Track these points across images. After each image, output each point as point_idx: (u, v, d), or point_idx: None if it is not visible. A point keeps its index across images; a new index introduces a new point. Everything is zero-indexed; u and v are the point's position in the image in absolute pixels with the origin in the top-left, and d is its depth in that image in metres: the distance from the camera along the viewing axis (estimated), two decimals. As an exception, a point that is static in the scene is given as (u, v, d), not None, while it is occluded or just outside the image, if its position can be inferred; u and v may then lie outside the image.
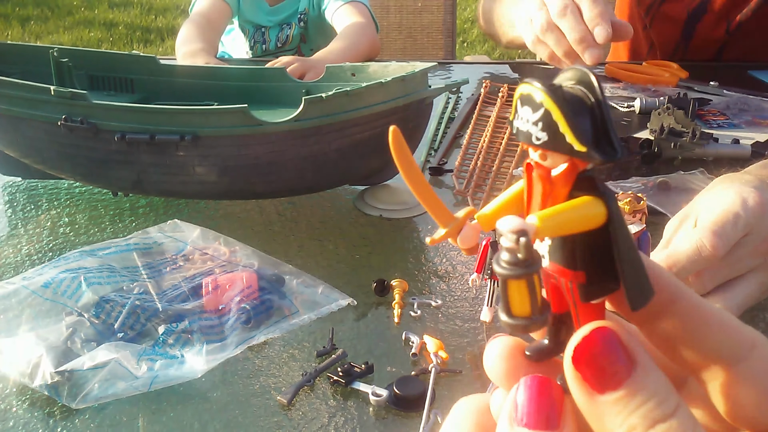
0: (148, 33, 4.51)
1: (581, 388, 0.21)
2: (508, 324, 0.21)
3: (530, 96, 0.21)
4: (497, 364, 0.23)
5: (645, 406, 0.20)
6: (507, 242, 0.20)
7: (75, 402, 0.53)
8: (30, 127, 0.78)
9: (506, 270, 0.20)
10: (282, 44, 1.69)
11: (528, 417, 0.21)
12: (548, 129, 0.21)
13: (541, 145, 0.21)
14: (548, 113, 0.20)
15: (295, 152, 0.76)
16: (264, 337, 0.60)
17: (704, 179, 0.88)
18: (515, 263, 0.20)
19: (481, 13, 1.54)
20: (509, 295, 0.21)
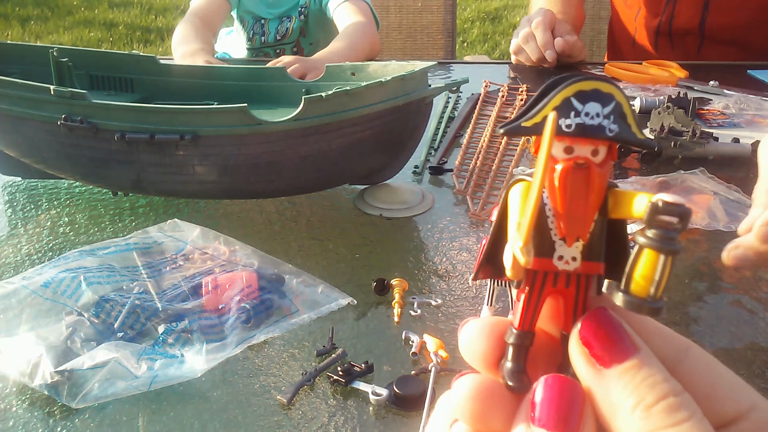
0: (148, 33, 4.51)
1: (588, 363, 0.21)
2: (656, 304, 0.21)
3: (597, 90, 0.21)
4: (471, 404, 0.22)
5: (653, 377, 0.20)
6: (670, 217, 0.20)
7: (75, 401, 0.53)
8: (30, 126, 0.78)
9: (671, 245, 0.20)
10: (281, 37, 1.68)
11: (547, 417, 0.20)
12: (619, 120, 0.22)
13: (612, 136, 0.22)
14: (620, 105, 0.22)
15: (295, 152, 0.76)
16: (264, 336, 0.60)
17: (704, 178, 0.88)
18: (676, 238, 0.20)
19: None
20: (665, 271, 0.21)
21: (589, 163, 0.22)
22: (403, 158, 0.88)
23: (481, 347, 0.23)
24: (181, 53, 1.35)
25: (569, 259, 0.23)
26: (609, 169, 0.22)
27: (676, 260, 0.21)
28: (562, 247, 0.23)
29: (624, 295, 0.21)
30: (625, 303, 0.21)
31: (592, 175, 0.22)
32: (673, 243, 0.20)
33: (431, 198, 0.86)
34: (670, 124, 0.98)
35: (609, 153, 0.22)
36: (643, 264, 0.21)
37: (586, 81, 0.22)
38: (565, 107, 0.22)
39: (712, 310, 0.66)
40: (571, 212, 0.22)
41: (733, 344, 0.61)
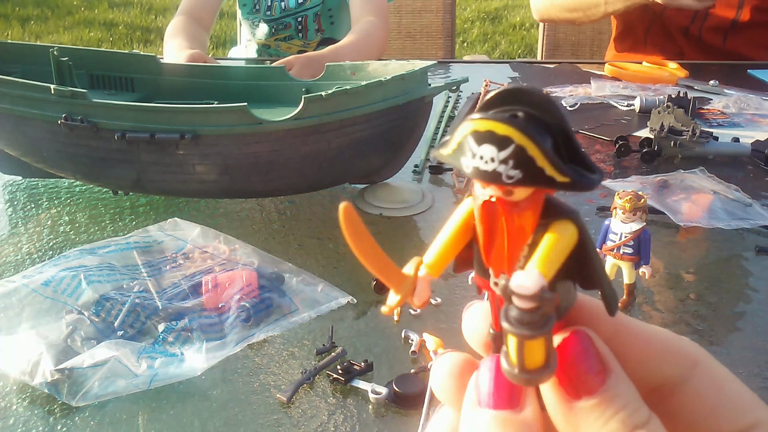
0: (148, 33, 4.51)
1: (557, 394, 0.20)
2: (523, 379, 0.20)
3: (491, 132, 0.19)
4: (446, 381, 0.22)
5: (623, 411, 0.19)
6: (523, 303, 0.19)
7: (75, 400, 0.53)
8: (30, 126, 0.78)
9: (527, 330, 0.19)
10: (303, 0, 1.64)
11: (490, 397, 0.20)
12: (522, 165, 0.19)
13: (514, 183, 0.19)
14: (521, 149, 0.19)
15: (295, 151, 0.76)
16: (264, 335, 0.60)
17: (704, 178, 0.89)
18: (535, 322, 0.19)
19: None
20: (525, 352, 0.19)
21: (500, 203, 0.20)
22: (403, 157, 0.88)
23: (483, 330, 0.23)
24: (165, 50, 1.35)
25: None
26: (535, 205, 0.20)
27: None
28: (493, 274, 0.21)
29: (502, 359, 0.20)
30: (528, 382, 0.20)
31: (505, 215, 0.20)
32: (527, 328, 0.19)
33: (431, 197, 0.86)
34: (670, 123, 0.98)
35: (536, 190, 0.20)
36: (510, 342, 0.20)
37: (482, 120, 0.19)
38: (465, 146, 0.20)
39: (712, 309, 0.66)
40: (490, 248, 0.21)
41: (732, 344, 0.61)
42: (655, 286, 0.69)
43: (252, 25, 1.72)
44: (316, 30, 1.69)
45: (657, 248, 0.75)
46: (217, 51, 4.03)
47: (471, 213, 0.22)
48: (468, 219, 0.22)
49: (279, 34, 1.69)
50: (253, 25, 1.71)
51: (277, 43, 1.70)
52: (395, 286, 0.22)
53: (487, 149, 0.19)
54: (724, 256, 0.75)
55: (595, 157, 1.00)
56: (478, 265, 0.22)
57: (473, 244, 0.22)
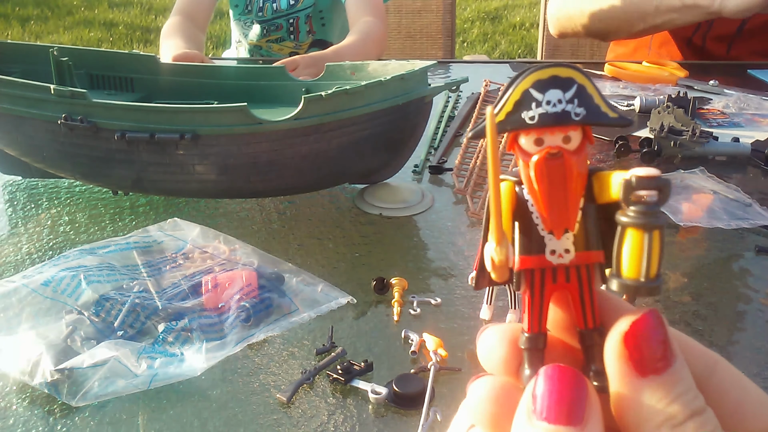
0: (148, 33, 4.52)
1: (627, 369, 0.20)
2: (650, 288, 0.20)
3: (554, 77, 0.21)
4: (486, 405, 0.21)
5: (685, 395, 0.19)
6: (651, 188, 0.20)
7: (75, 400, 0.53)
8: (30, 126, 0.78)
9: (657, 219, 0.20)
10: (294, 2, 1.65)
11: (548, 410, 0.19)
12: (585, 103, 0.21)
13: (580, 120, 0.21)
14: (582, 87, 0.21)
15: (295, 151, 0.76)
16: (263, 335, 0.60)
17: (704, 177, 0.89)
18: (658, 213, 0.20)
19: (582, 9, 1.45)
20: (652, 252, 0.20)
21: (562, 151, 0.21)
22: (402, 157, 0.88)
23: (501, 355, 0.22)
24: (162, 51, 1.36)
25: (562, 252, 0.22)
26: (586, 153, 0.22)
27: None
28: (552, 240, 0.22)
29: (617, 280, 0.21)
30: (619, 288, 0.21)
31: (566, 164, 0.21)
32: (654, 217, 0.20)
33: (431, 197, 0.86)
34: (669, 123, 0.98)
35: (584, 137, 0.22)
36: (629, 245, 0.20)
37: (543, 69, 0.21)
38: (526, 99, 0.21)
39: (712, 309, 0.66)
40: (553, 205, 0.22)
41: (731, 344, 0.61)
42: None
43: (244, 27, 1.72)
44: (308, 32, 1.69)
45: (657, 248, 0.74)
46: (217, 51, 4.03)
47: (511, 194, 0.22)
48: (510, 200, 0.22)
49: (271, 35, 1.69)
50: (245, 26, 1.72)
51: (269, 45, 1.71)
52: (499, 234, 0.22)
53: (553, 93, 0.21)
54: (724, 256, 0.75)
55: (596, 157, 1.00)
56: (529, 240, 0.22)
57: (516, 227, 0.23)
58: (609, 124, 0.22)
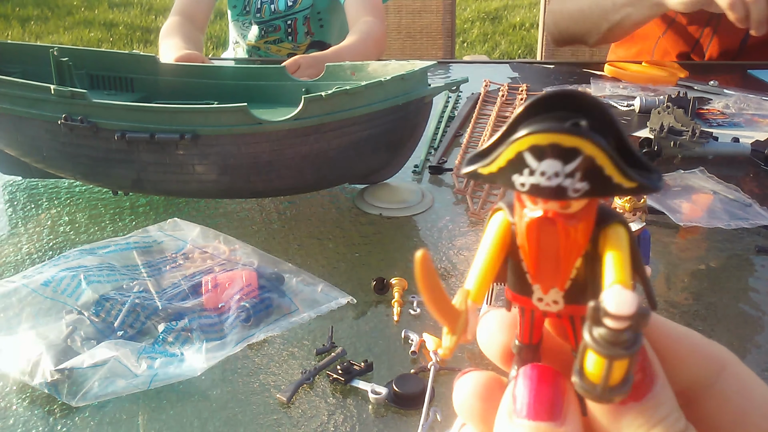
0: (148, 33, 4.52)
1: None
2: (606, 398, 0.19)
3: (555, 145, 0.18)
4: (472, 401, 0.21)
5: (666, 420, 0.19)
6: (618, 324, 0.17)
7: (75, 400, 0.53)
8: (30, 126, 0.78)
9: (620, 350, 0.18)
10: (292, 3, 1.65)
11: (528, 408, 0.19)
12: (590, 177, 0.18)
13: (580, 196, 0.18)
14: (589, 160, 0.18)
15: (295, 151, 0.76)
16: (263, 335, 0.60)
17: (704, 178, 0.89)
18: (627, 341, 0.18)
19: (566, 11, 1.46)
20: (612, 371, 0.18)
21: (557, 218, 0.19)
22: (402, 158, 0.88)
23: (500, 341, 0.22)
24: (161, 51, 1.36)
25: (550, 302, 0.21)
26: (592, 215, 0.19)
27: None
28: (540, 291, 0.21)
29: (577, 379, 0.19)
30: (578, 387, 0.19)
31: (560, 230, 0.19)
32: (618, 349, 0.18)
33: (431, 197, 0.86)
34: (669, 123, 0.98)
35: (592, 199, 0.19)
36: (590, 360, 0.18)
37: (542, 133, 0.18)
38: (519, 162, 0.18)
39: (711, 309, 0.66)
40: (541, 265, 0.20)
41: (732, 344, 0.61)
42: (655, 285, 0.69)
43: (242, 27, 1.72)
44: (306, 33, 1.69)
45: (657, 248, 0.75)
46: (216, 51, 4.03)
47: (506, 230, 0.21)
48: (503, 237, 0.21)
49: (269, 36, 1.69)
50: (243, 27, 1.72)
51: (267, 46, 1.71)
52: (450, 326, 0.21)
53: (550, 164, 0.18)
54: (724, 256, 0.75)
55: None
56: (518, 281, 0.21)
57: (508, 262, 0.21)
58: (620, 195, 0.19)
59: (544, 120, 0.18)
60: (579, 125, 0.18)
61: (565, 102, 0.18)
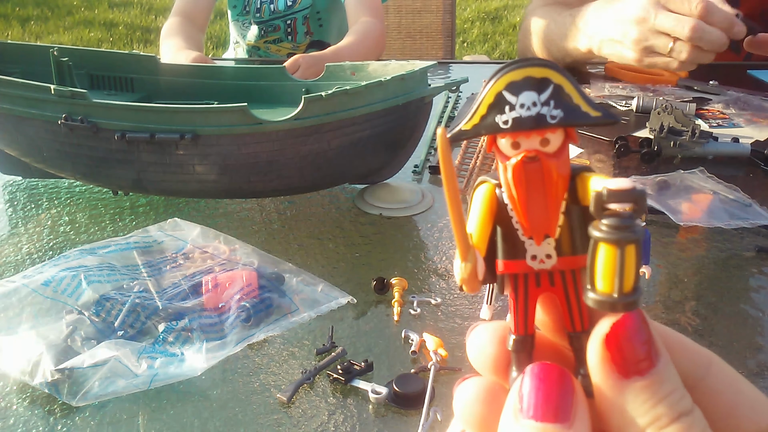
0: (148, 33, 4.52)
1: (609, 372, 0.19)
2: (622, 304, 0.19)
3: (528, 78, 0.20)
4: (474, 407, 0.21)
5: (671, 396, 0.19)
6: (623, 202, 0.19)
7: (75, 400, 0.53)
8: (30, 126, 0.78)
9: (629, 233, 0.19)
10: (292, 3, 1.65)
11: (535, 408, 0.19)
12: (562, 103, 0.20)
13: (557, 122, 0.20)
14: (559, 88, 0.20)
15: (295, 151, 0.76)
16: (264, 335, 0.60)
17: (704, 178, 0.89)
18: (633, 226, 0.19)
19: (537, 31, 1.41)
20: (626, 267, 0.19)
21: (540, 155, 0.20)
22: (402, 158, 0.88)
23: (490, 354, 0.22)
24: (163, 51, 1.36)
25: (543, 258, 0.21)
26: (567, 154, 0.21)
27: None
28: (533, 246, 0.21)
29: (591, 295, 0.20)
30: (594, 303, 0.20)
31: (545, 168, 0.20)
32: (628, 232, 0.19)
33: (431, 197, 0.87)
34: (669, 123, 0.98)
35: (565, 138, 0.21)
36: (601, 260, 0.19)
37: (516, 70, 0.20)
38: (500, 102, 0.20)
39: (711, 309, 0.66)
40: (531, 210, 0.21)
41: (732, 344, 0.61)
42: (655, 285, 0.69)
43: (242, 27, 1.72)
44: (305, 33, 1.69)
45: (657, 248, 0.75)
46: (217, 51, 4.03)
47: (491, 197, 0.22)
48: (490, 203, 0.22)
49: (268, 36, 1.69)
50: (243, 27, 1.72)
51: (267, 46, 1.71)
52: (464, 250, 0.21)
53: (527, 95, 0.20)
54: (724, 256, 0.75)
55: (595, 157, 1.00)
56: (510, 246, 0.22)
57: (497, 233, 0.22)
58: (591, 123, 0.20)
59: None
60: (545, 62, 0.20)
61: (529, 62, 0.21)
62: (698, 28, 1.00)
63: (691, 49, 1.02)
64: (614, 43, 1.12)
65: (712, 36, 1.01)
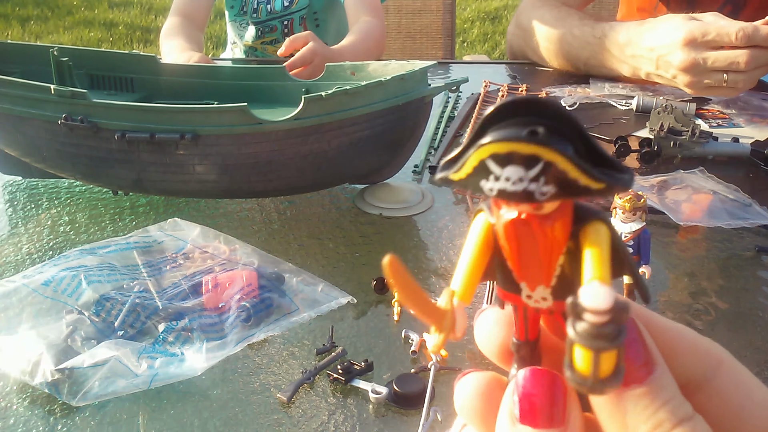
0: (148, 33, 4.51)
1: None
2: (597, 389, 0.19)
3: (514, 153, 0.18)
4: (473, 402, 0.21)
5: (672, 402, 0.19)
6: (598, 318, 0.18)
7: (75, 400, 0.53)
8: (30, 126, 0.78)
9: (603, 343, 0.18)
10: (288, 3, 1.64)
11: (530, 414, 0.19)
12: (555, 180, 0.18)
13: (549, 198, 0.18)
14: (550, 165, 0.18)
15: (295, 151, 0.76)
16: (264, 335, 0.60)
17: (704, 178, 0.89)
18: (610, 334, 0.18)
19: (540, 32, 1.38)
20: (601, 362, 0.18)
21: (532, 219, 0.19)
22: (403, 158, 0.88)
23: (497, 340, 0.22)
24: (164, 51, 1.36)
25: (539, 299, 0.21)
26: (567, 214, 0.20)
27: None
28: (527, 288, 0.21)
29: (568, 372, 0.19)
30: (571, 381, 0.19)
31: (537, 231, 0.19)
32: (602, 341, 0.18)
33: (431, 197, 0.87)
34: (669, 123, 0.98)
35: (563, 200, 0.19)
36: (578, 354, 0.19)
37: (499, 142, 0.18)
38: (483, 170, 0.19)
39: (711, 309, 0.66)
40: (523, 264, 0.20)
41: (731, 343, 0.61)
42: (655, 285, 0.69)
43: (239, 28, 1.72)
44: None
45: (657, 248, 0.75)
46: (216, 51, 4.03)
47: (488, 230, 0.21)
48: (486, 237, 0.21)
49: (265, 37, 1.69)
50: (240, 27, 1.72)
51: (264, 47, 1.71)
52: (437, 324, 0.21)
53: (513, 170, 0.18)
54: (724, 256, 0.75)
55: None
56: (505, 280, 0.21)
57: (495, 260, 0.21)
58: (590, 196, 0.18)
59: (504, 127, 0.18)
60: (535, 132, 0.18)
61: (529, 108, 0.18)
62: (751, 59, 1.03)
63: (746, 77, 1.06)
64: (665, 80, 1.15)
65: (762, 60, 1.04)
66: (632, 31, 1.18)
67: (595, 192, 0.18)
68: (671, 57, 1.10)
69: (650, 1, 1.48)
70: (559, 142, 0.18)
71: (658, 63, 1.13)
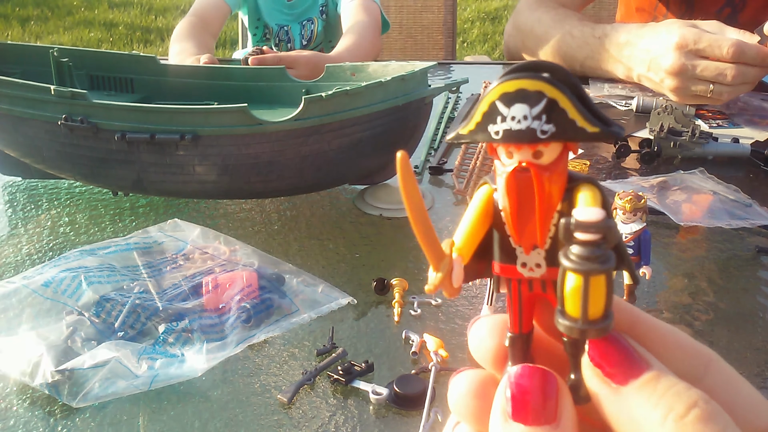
0: (148, 33, 4.51)
1: (603, 383, 0.19)
2: (587, 331, 0.19)
3: (521, 90, 0.20)
4: (467, 400, 0.22)
5: (675, 387, 0.19)
6: (589, 235, 0.19)
7: (75, 401, 0.53)
8: (30, 126, 0.78)
9: (595, 264, 0.19)
10: (307, 42, 1.69)
11: (523, 412, 0.19)
12: (555, 119, 0.20)
13: (547, 138, 0.20)
14: (553, 102, 0.19)
15: (295, 151, 0.76)
16: (264, 335, 0.60)
17: (704, 178, 0.89)
18: (600, 256, 0.19)
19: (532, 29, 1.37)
20: (590, 296, 0.19)
21: (531, 167, 0.20)
22: (403, 158, 0.88)
23: (490, 347, 0.22)
24: (174, 51, 1.37)
25: (533, 266, 0.21)
26: (564, 166, 0.21)
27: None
28: (523, 254, 0.21)
29: (560, 318, 0.20)
30: (561, 327, 0.20)
31: (536, 180, 0.20)
32: (593, 263, 0.19)
33: (431, 198, 0.86)
34: (669, 124, 0.98)
35: (563, 150, 0.20)
36: (569, 286, 0.19)
37: (510, 81, 0.20)
38: (493, 112, 0.20)
39: (711, 309, 0.66)
40: (521, 221, 0.21)
41: (731, 344, 0.61)
42: (655, 285, 0.69)
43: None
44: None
45: (657, 248, 0.75)
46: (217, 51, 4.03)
47: (489, 199, 0.22)
48: (486, 206, 0.22)
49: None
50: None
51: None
52: (434, 260, 0.21)
53: (518, 108, 0.20)
54: (724, 256, 0.75)
55: (595, 158, 1.00)
56: (503, 250, 0.22)
57: (493, 233, 0.22)
58: (587, 140, 0.20)
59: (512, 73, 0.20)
60: (542, 74, 0.20)
61: (538, 68, 0.20)
62: (737, 74, 1.05)
63: (731, 90, 1.07)
64: (653, 83, 1.15)
65: (748, 77, 1.06)
66: (633, 33, 1.18)
67: (589, 135, 0.20)
68: (662, 60, 1.10)
69: (649, 2, 1.48)
70: (560, 84, 0.20)
71: (650, 65, 1.13)
